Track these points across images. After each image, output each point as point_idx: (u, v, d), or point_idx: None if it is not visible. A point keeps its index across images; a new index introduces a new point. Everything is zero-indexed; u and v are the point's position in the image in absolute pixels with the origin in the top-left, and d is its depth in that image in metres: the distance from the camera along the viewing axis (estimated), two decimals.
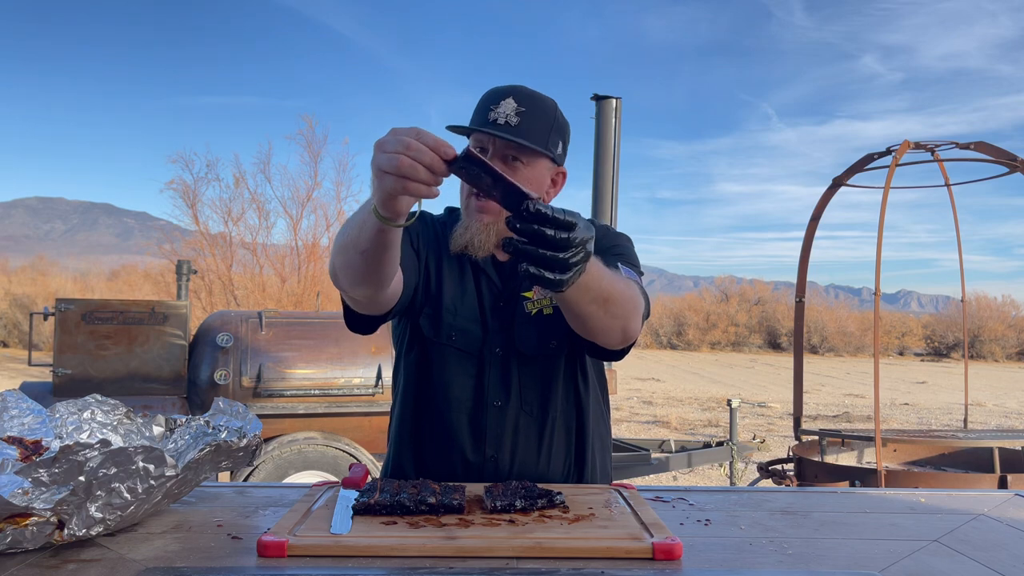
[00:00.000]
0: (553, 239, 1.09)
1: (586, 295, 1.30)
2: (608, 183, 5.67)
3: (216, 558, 1.07)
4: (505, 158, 1.53)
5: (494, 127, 1.51)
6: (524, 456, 1.60)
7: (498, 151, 1.53)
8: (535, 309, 1.60)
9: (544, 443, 1.61)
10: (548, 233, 1.09)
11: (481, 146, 1.54)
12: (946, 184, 6.08)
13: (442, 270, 1.63)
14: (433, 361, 1.62)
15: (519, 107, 1.52)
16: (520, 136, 1.51)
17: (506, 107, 1.51)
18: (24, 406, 1.41)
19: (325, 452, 5.43)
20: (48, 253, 38.25)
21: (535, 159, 1.56)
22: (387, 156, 1.10)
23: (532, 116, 1.53)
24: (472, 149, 1.13)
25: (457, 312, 1.61)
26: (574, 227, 1.10)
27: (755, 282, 39.58)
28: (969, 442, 5.24)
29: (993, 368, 28.13)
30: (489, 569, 1.03)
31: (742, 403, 7.72)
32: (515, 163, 1.54)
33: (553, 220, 1.09)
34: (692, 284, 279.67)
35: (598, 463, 1.69)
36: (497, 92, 1.55)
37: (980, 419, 12.60)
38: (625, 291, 1.40)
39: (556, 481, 1.61)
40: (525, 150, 1.53)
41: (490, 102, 1.54)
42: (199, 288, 15.94)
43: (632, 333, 1.46)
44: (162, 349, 5.44)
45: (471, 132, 1.56)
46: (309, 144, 17.68)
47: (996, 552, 1.17)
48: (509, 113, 1.51)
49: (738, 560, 1.10)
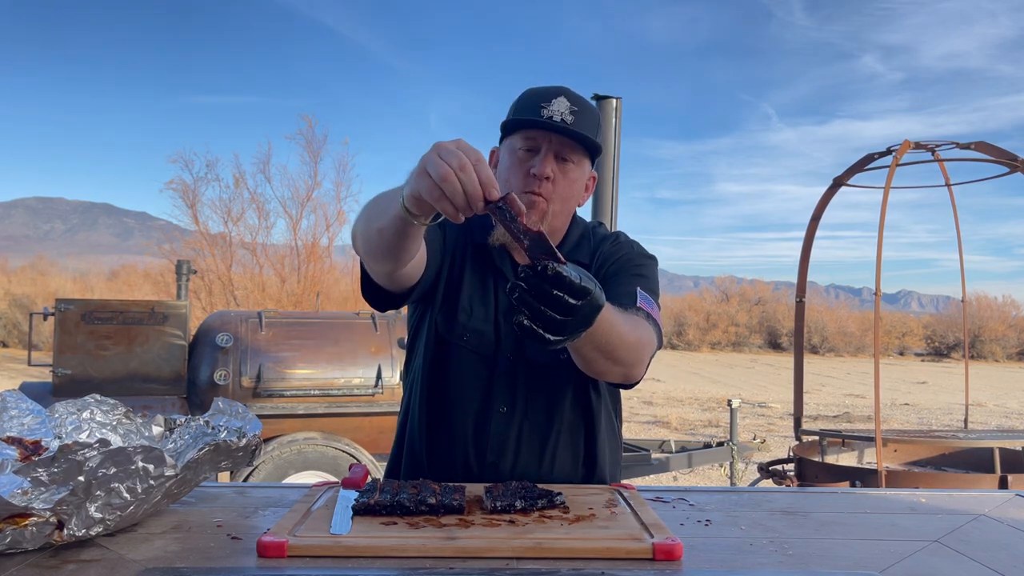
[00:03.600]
0: (560, 302, 1.07)
1: (588, 343, 1.28)
2: (608, 183, 5.67)
3: (216, 558, 1.07)
4: (558, 157, 1.52)
5: (552, 125, 1.49)
6: (526, 465, 1.58)
7: (552, 148, 1.52)
8: None
9: (547, 453, 1.59)
10: (558, 296, 1.07)
11: (534, 144, 1.52)
12: (946, 184, 6.08)
13: (465, 267, 1.61)
14: (445, 359, 1.60)
15: (572, 106, 1.51)
16: (580, 135, 1.50)
17: (559, 105, 1.50)
18: (24, 406, 1.41)
19: (325, 452, 5.43)
20: (48, 253, 38.27)
21: (583, 160, 1.56)
22: (438, 163, 1.08)
23: (584, 116, 1.52)
24: (514, 196, 1.11)
25: (473, 313, 1.59)
26: (588, 294, 1.09)
27: (755, 282, 39.59)
28: (969, 442, 5.24)
29: (993, 368, 28.13)
30: (489, 569, 1.03)
31: (742, 403, 7.72)
32: (566, 164, 1.53)
33: (569, 286, 1.07)
34: (692, 284, 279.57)
35: (607, 474, 1.66)
36: (547, 91, 1.53)
37: (980, 419, 12.60)
38: (630, 339, 1.36)
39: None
40: (576, 150, 1.53)
41: (540, 100, 1.51)
42: (199, 288, 15.94)
43: (635, 376, 1.44)
44: (162, 349, 5.44)
45: (529, 127, 1.52)
46: (309, 144, 17.69)
47: (996, 552, 1.17)
48: (564, 111, 1.50)
49: (738, 560, 1.10)
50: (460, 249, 1.62)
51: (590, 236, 1.68)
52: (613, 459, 1.70)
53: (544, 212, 1.53)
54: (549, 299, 1.07)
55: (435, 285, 1.59)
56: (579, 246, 1.65)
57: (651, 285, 1.58)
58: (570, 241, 1.65)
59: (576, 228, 1.67)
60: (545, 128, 1.50)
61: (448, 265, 1.60)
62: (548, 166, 1.50)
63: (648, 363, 1.47)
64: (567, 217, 1.63)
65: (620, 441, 1.76)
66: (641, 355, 1.41)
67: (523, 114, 1.54)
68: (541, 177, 1.50)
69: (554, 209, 1.54)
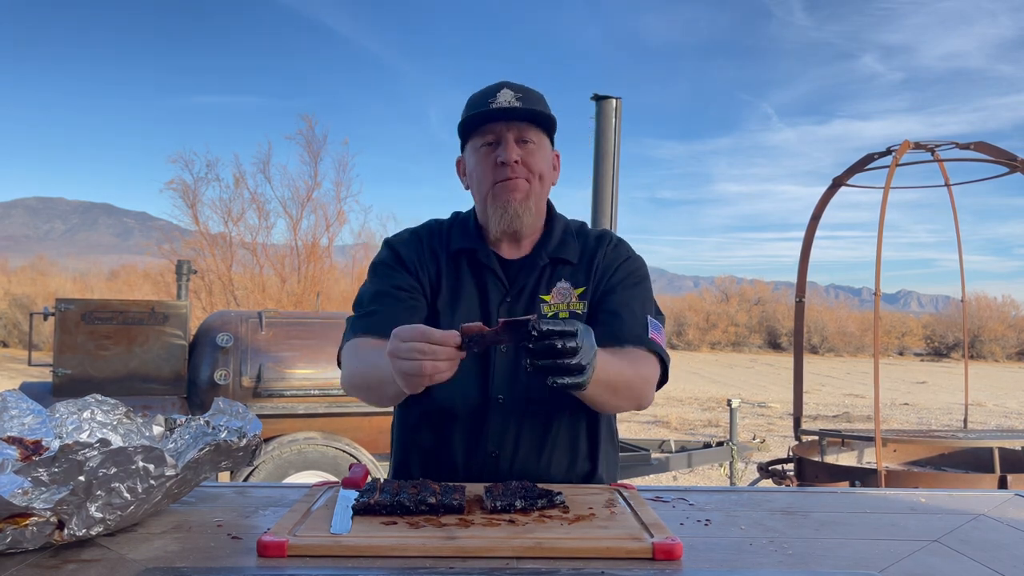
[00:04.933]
0: (564, 349, 1.20)
1: (595, 387, 1.35)
2: (608, 183, 5.67)
3: (216, 558, 1.07)
4: (519, 140, 1.58)
5: (503, 110, 1.56)
6: (526, 454, 1.59)
7: (511, 133, 1.57)
8: (551, 312, 1.61)
9: (548, 442, 1.60)
10: (558, 345, 1.20)
11: (493, 137, 1.58)
12: (946, 184, 6.09)
13: (440, 278, 1.64)
14: None
15: (516, 93, 1.58)
16: (529, 112, 1.56)
17: (504, 95, 1.57)
18: (24, 406, 1.41)
19: (325, 452, 5.43)
20: (48, 253, 38.25)
21: (542, 137, 1.62)
22: (409, 364, 1.24)
23: (530, 98, 1.59)
24: (464, 325, 1.25)
25: (455, 311, 1.61)
26: (576, 333, 1.21)
27: (755, 282, 39.60)
28: (969, 442, 5.24)
29: (993, 368, 28.13)
30: (489, 569, 1.03)
31: (742, 403, 7.73)
32: (528, 144, 1.59)
33: (560, 332, 1.20)
34: (692, 284, 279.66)
35: (608, 464, 1.69)
36: (489, 88, 1.61)
37: (980, 419, 12.60)
38: (635, 378, 1.51)
39: (560, 480, 1.60)
40: (533, 129, 1.59)
41: (486, 96, 1.59)
42: (199, 288, 15.94)
43: (642, 406, 1.57)
44: (162, 349, 5.44)
45: (481, 120, 1.58)
46: (309, 144, 17.70)
47: (996, 552, 1.17)
48: (509, 99, 1.57)
49: (738, 560, 1.10)
50: (429, 270, 1.66)
51: (574, 234, 1.70)
52: (612, 456, 1.73)
53: (527, 192, 1.59)
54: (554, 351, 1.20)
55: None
56: (564, 243, 1.66)
57: (652, 299, 1.68)
58: (553, 237, 1.66)
59: (557, 223, 1.69)
60: (497, 116, 1.57)
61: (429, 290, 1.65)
62: (512, 151, 1.57)
63: (655, 389, 1.59)
64: (544, 198, 1.67)
65: (616, 439, 1.78)
66: (645, 390, 1.54)
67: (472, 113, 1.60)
68: (509, 162, 1.57)
69: (534, 188, 1.60)
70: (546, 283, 1.63)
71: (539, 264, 1.63)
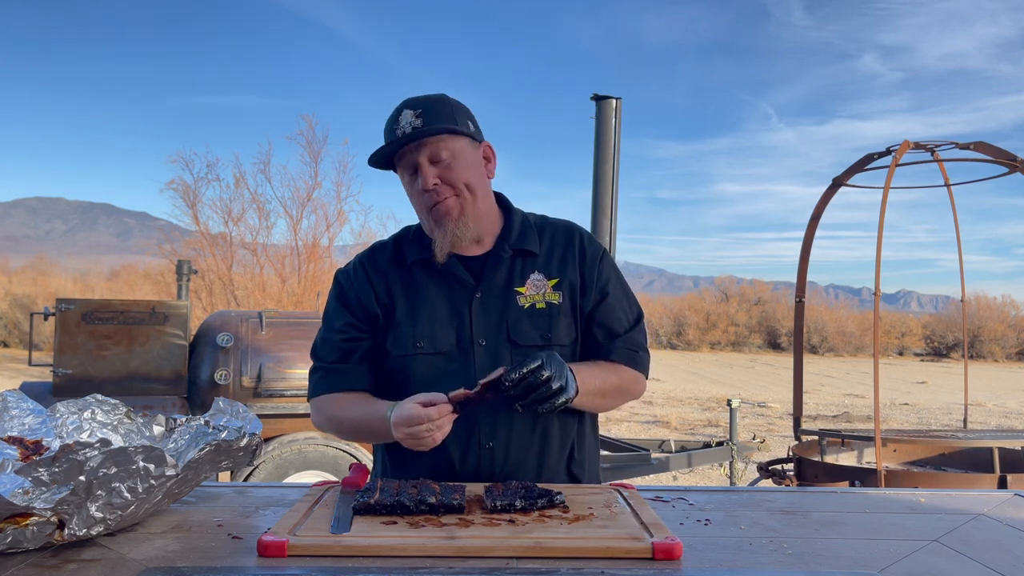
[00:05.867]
0: (539, 382, 1.40)
1: (584, 398, 1.54)
2: (608, 183, 5.67)
3: (216, 558, 1.07)
4: (432, 161, 1.60)
5: (404, 138, 1.58)
6: (520, 444, 1.61)
7: (423, 157, 1.60)
8: (528, 303, 1.64)
9: (537, 430, 1.63)
10: (532, 381, 1.39)
11: (409, 165, 1.62)
12: (946, 184, 6.08)
13: (393, 296, 1.67)
14: (408, 370, 1.64)
15: (415, 112, 1.60)
16: (428, 131, 1.58)
17: (405, 118, 1.60)
18: (24, 406, 1.42)
19: (325, 452, 5.43)
20: (48, 253, 38.25)
21: (458, 145, 1.62)
22: (419, 441, 1.45)
23: (430, 113, 1.60)
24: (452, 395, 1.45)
25: (417, 319, 1.64)
26: (543, 363, 1.40)
27: (755, 282, 39.59)
28: (969, 442, 5.24)
29: (993, 368, 28.13)
30: (489, 569, 1.03)
31: (742, 403, 7.72)
32: (441, 163, 1.61)
33: (530, 371, 1.39)
34: (692, 284, 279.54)
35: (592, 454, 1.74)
36: (393, 113, 1.64)
37: (980, 419, 12.60)
38: (620, 381, 1.68)
39: (553, 469, 1.63)
40: (440, 144, 1.60)
41: (391, 124, 1.62)
42: (199, 288, 15.93)
43: (635, 398, 1.75)
44: (162, 349, 5.43)
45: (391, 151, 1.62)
46: (309, 144, 17.67)
47: (996, 552, 1.17)
48: (410, 121, 1.59)
49: (738, 560, 1.11)
50: (379, 294, 1.69)
51: (534, 226, 1.73)
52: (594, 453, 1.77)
53: (460, 207, 1.62)
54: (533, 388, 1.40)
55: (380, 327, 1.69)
56: (524, 235, 1.70)
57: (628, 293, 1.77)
58: (513, 230, 1.69)
59: (514, 216, 1.73)
60: (399, 144, 1.60)
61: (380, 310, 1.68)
62: (429, 177, 1.61)
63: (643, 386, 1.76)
64: (487, 200, 1.69)
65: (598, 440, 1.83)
66: (631, 391, 1.72)
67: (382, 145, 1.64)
68: (430, 189, 1.60)
69: (464, 200, 1.62)
70: (519, 275, 1.66)
71: (503, 256, 1.66)
